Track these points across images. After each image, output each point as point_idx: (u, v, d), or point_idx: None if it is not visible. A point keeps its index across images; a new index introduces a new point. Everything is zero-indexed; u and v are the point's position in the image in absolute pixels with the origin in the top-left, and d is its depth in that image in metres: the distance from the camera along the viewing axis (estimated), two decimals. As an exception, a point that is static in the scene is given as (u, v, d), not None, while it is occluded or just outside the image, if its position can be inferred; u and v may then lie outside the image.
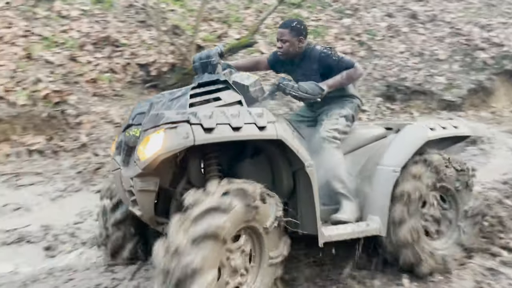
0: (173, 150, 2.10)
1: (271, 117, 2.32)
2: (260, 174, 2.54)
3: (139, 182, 2.26)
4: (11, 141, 5.07)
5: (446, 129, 2.99)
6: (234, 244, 2.19)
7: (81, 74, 5.84)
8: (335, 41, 7.88)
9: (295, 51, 2.86)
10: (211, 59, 2.60)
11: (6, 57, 5.53)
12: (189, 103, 2.29)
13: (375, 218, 2.72)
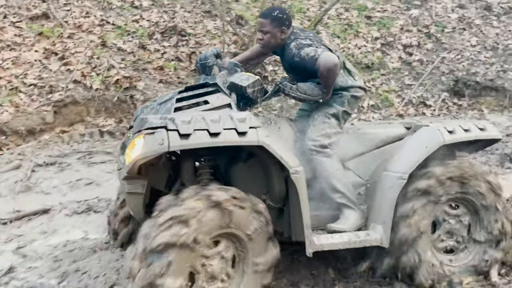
0: (149, 156, 2.11)
1: (254, 122, 2.26)
2: (253, 179, 2.53)
3: (126, 184, 2.32)
4: (86, 122, 5.51)
5: (469, 131, 2.69)
6: (211, 250, 2.19)
7: (149, 62, 6.16)
8: (400, 33, 7.64)
9: (276, 42, 2.67)
10: (207, 60, 2.61)
11: (84, 45, 5.97)
12: (174, 107, 2.31)
13: (378, 228, 2.56)
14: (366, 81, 6.93)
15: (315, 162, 2.59)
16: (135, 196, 2.33)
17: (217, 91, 2.43)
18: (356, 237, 2.52)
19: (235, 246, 2.27)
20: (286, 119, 2.82)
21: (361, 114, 6.57)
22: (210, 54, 2.64)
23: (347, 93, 2.70)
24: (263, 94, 2.52)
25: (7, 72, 5.38)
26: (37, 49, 5.75)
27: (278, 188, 2.49)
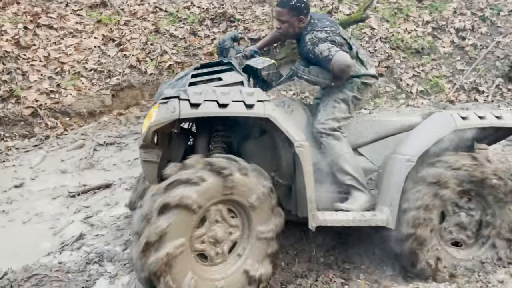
0: (161, 122, 2.24)
1: (262, 96, 2.34)
2: (263, 156, 2.61)
3: (142, 153, 2.47)
4: (140, 105, 5.83)
5: (484, 119, 2.63)
6: (216, 216, 2.29)
7: (200, 47, 6.37)
8: (453, 16, 7.39)
9: (294, 31, 2.70)
10: (225, 43, 2.73)
11: (138, 31, 6.27)
12: (189, 82, 2.42)
13: (384, 209, 2.57)
14: (415, 67, 6.81)
15: (324, 144, 2.65)
16: (150, 164, 2.46)
17: (230, 69, 2.52)
18: (362, 216, 2.55)
19: (239, 213, 2.37)
20: (300, 102, 2.89)
21: (409, 100, 6.49)
22: (228, 37, 2.76)
23: (358, 80, 2.73)
24: (278, 78, 2.56)
25: (70, 58, 5.76)
26: (96, 35, 6.10)
27: (286, 164, 2.56)
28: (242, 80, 2.48)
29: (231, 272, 2.32)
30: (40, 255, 2.84)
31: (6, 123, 5.12)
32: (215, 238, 2.29)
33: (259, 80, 2.58)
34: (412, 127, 2.79)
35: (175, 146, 2.64)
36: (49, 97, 5.37)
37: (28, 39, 5.77)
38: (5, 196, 3.74)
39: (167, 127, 2.37)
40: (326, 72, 2.57)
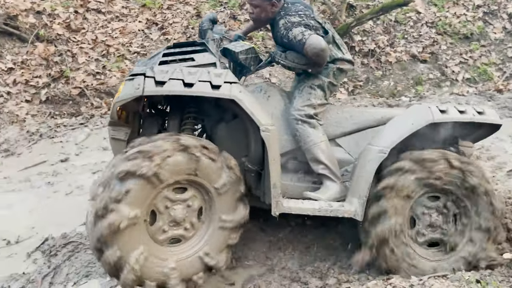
0: (125, 99, 2.23)
1: (230, 78, 2.29)
2: (234, 140, 2.55)
3: (111, 130, 2.47)
4: (180, 87, 6.00)
5: (464, 113, 2.49)
6: (176, 195, 2.26)
7: (239, 32, 6.43)
8: (506, 1, 6.95)
9: (267, 16, 2.63)
10: (203, 24, 2.66)
11: (180, 15, 6.42)
12: (160, 61, 2.39)
13: (354, 200, 2.49)
14: (462, 53, 6.52)
15: (300, 131, 2.59)
16: (117, 142, 2.47)
17: (204, 50, 2.49)
18: (329, 206, 2.48)
19: (203, 198, 2.33)
20: (278, 88, 2.81)
21: (454, 88, 6.24)
22: (206, 18, 2.71)
23: (333, 65, 2.67)
24: (257, 62, 2.52)
25: (115, 41, 6.03)
26: (141, 19, 6.32)
27: (255, 149, 2.52)
28: (215, 61, 2.44)
29: (185, 256, 2.30)
30: (77, 224, 3.07)
31: (56, 102, 5.48)
32: (176, 221, 2.28)
33: (238, 64, 2.53)
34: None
35: (148, 127, 2.64)
36: (95, 78, 5.67)
37: (78, 23, 6.09)
38: (52, 169, 4.04)
39: (135, 105, 2.37)
40: (303, 57, 2.50)
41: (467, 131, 2.67)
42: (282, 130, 2.64)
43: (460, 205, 2.57)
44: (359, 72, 6.29)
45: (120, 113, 2.40)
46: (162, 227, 2.27)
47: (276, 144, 2.39)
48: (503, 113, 5.28)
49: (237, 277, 2.70)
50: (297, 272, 2.70)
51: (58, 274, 2.69)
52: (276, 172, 2.39)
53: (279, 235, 2.96)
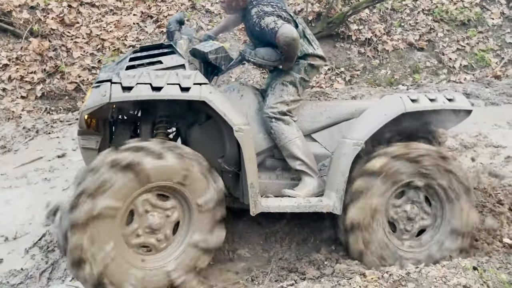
0: (92, 107, 2.16)
1: (200, 79, 2.24)
2: (209, 142, 2.52)
3: (81, 139, 2.39)
4: (176, 80, 5.98)
5: (434, 101, 2.52)
6: (158, 201, 2.22)
7: (235, 23, 6.40)
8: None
9: (238, 5, 2.63)
10: (169, 26, 2.59)
11: (175, 7, 6.38)
12: (127, 65, 2.32)
13: (331, 194, 2.48)
14: (459, 40, 6.48)
15: (274, 129, 2.57)
16: (89, 151, 2.39)
17: (172, 52, 2.43)
18: (307, 202, 2.48)
19: (182, 212, 2.28)
20: (251, 87, 2.78)
21: (451, 75, 6.22)
22: (173, 20, 2.63)
23: (304, 61, 2.65)
24: (228, 61, 2.49)
25: (110, 35, 5.99)
26: (135, 12, 6.28)
27: (230, 150, 2.48)
28: (184, 63, 2.39)
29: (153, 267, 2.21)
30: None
31: (52, 97, 5.46)
32: (151, 228, 2.21)
33: (208, 64, 2.49)
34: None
35: (120, 133, 2.58)
36: (91, 72, 5.65)
37: (72, 17, 6.05)
38: (49, 165, 4.03)
39: (104, 113, 2.29)
40: (273, 53, 2.48)
41: (440, 117, 2.68)
42: (257, 129, 2.62)
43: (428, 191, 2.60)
44: (356, 61, 6.27)
45: (89, 122, 2.34)
46: (136, 230, 2.21)
47: (251, 143, 2.35)
48: (501, 99, 5.27)
49: (234, 268, 2.71)
50: (294, 263, 2.71)
51: (56, 270, 2.70)
52: (253, 171, 2.36)
53: (275, 228, 2.96)
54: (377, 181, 2.49)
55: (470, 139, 4.26)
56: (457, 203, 2.58)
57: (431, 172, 2.54)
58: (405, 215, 2.61)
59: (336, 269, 2.52)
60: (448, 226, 2.61)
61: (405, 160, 2.51)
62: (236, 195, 2.63)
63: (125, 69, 2.31)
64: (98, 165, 2.08)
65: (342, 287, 2.21)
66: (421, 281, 2.22)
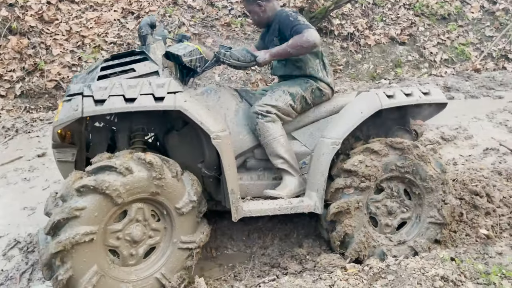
0: (65, 122, 2.11)
1: (174, 87, 2.21)
2: (188, 147, 2.51)
3: (56, 153, 2.33)
4: (159, 77, 5.92)
5: (410, 96, 2.58)
6: (151, 217, 2.23)
7: (217, 18, 6.36)
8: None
9: (262, 18, 2.75)
10: (141, 30, 2.54)
11: (157, 3, 6.31)
12: (98, 75, 2.28)
13: (312, 194, 2.52)
14: (440, 34, 6.56)
15: (260, 126, 2.58)
16: (65, 164, 2.34)
17: (145, 59, 2.40)
18: (289, 203, 2.49)
19: (164, 218, 2.29)
20: (228, 89, 2.77)
21: (432, 69, 6.29)
22: (144, 23, 2.57)
23: (314, 83, 2.71)
24: (204, 63, 2.48)
25: (91, 31, 5.90)
26: (116, 8, 6.19)
27: (209, 155, 2.47)
28: (157, 69, 2.36)
29: (142, 276, 2.22)
30: (55, 220, 3.03)
31: (32, 95, 5.37)
32: (132, 238, 2.19)
33: (184, 67, 2.47)
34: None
35: (97, 142, 2.54)
36: (71, 70, 5.56)
37: (51, 14, 5.94)
38: (28, 165, 3.97)
39: (77, 125, 2.25)
40: (247, 55, 2.50)
41: (417, 110, 2.74)
42: (237, 130, 2.62)
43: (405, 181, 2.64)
44: (339, 56, 6.29)
45: (64, 134, 2.28)
46: (118, 232, 2.18)
47: (229, 150, 2.34)
48: (480, 92, 5.35)
49: (217, 265, 2.71)
50: (276, 258, 2.72)
51: (36, 271, 2.67)
52: (233, 177, 2.35)
53: (257, 224, 2.98)
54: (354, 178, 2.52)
55: (451, 132, 4.32)
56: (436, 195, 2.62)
57: (410, 166, 2.57)
58: (386, 209, 2.64)
59: (318, 263, 2.55)
60: (427, 218, 2.65)
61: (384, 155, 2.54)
62: (217, 198, 2.63)
63: (96, 79, 2.27)
64: (65, 193, 2.05)
65: (323, 281, 2.23)
66: (400, 273, 2.25)
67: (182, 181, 2.26)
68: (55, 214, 2.01)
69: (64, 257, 2.00)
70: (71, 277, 2.02)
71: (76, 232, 1.99)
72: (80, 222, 2.00)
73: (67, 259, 2.00)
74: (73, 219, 2.00)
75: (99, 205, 2.04)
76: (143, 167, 2.13)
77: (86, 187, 2.02)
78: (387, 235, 2.66)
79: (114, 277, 2.15)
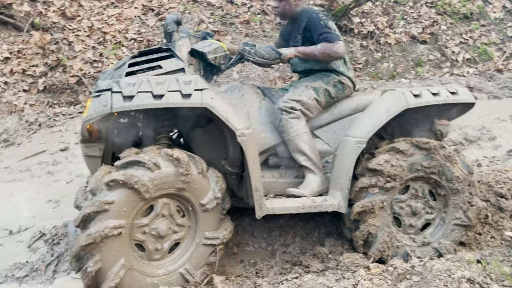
0: (94, 117, 2.16)
1: (201, 85, 2.22)
2: (212, 144, 2.51)
3: (84, 147, 2.39)
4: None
5: (437, 95, 2.52)
6: (176, 213, 2.25)
7: (236, 16, 6.36)
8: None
9: (291, 10, 2.71)
10: (167, 27, 2.53)
11: (177, 0, 6.34)
12: (126, 72, 2.30)
13: (336, 193, 2.49)
14: (462, 33, 6.46)
15: (284, 122, 2.57)
16: (92, 159, 2.41)
17: (171, 56, 2.42)
18: (312, 202, 2.48)
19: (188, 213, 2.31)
20: (251, 86, 2.77)
21: (454, 68, 6.20)
22: (170, 20, 2.56)
23: (336, 76, 2.71)
24: (228, 60, 2.49)
25: (112, 28, 5.96)
26: (137, 5, 6.24)
27: (233, 152, 2.47)
28: (183, 66, 2.38)
29: (167, 271, 2.25)
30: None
31: (54, 90, 5.45)
32: (158, 233, 2.22)
33: (208, 64, 2.47)
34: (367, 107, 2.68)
35: (122, 138, 2.54)
36: (93, 66, 5.63)
37: (73, 10, 6.01)
38: (52, 158, 4.04)
39: (105, 121, 2.27)
40: (272, 52, 2.50)
41: (443, 110, 2.69)
42: (260, 128, 2.61)
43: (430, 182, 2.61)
44: (358, 55, 6.24)
45: (91, 130, 2.32)
46: (145, 226, 2.21)
47: (254, 147, 2.35)
48: (503, 93, 5.26)
49: (238, 261, 2.72)
50: (298, 256, 2.72)
51: (61, 263, 2.71)
52: (257, 175, 2.36)
53: (279, 222, 2.97)
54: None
55: (474, 133, 4.26)
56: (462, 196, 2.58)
57: (436, 166, 2.54)
58: (410, 210, 2.62)
59: (340, 262, 2.53)
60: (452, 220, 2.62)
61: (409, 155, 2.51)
62: (240, 195, 2.63)
63: (124, 76, 2.30)
64: (95, 187, 2.10)
65: (347, 280, 2.22)
66: (425, 274, 2.23)
67: (207, 177, 2.28)
68: (85, 207, 2.05)
69: (93, 250, 2.04)
70: (100, 270, 2.05)
71: (106, 225, 2.02)
72: (109, 215, 2.04)
73: (96, 251, 2.04)
74: (103, 212, 2.03)
75: (127, 199, 2.07)
76: (171, 163, 2.16)
77: (116, 182, 2.06)
78: (410, 235, 2.63)
79: (140, 271, 2.18)
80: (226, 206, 2.38)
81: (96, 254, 2.04)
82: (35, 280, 2.61)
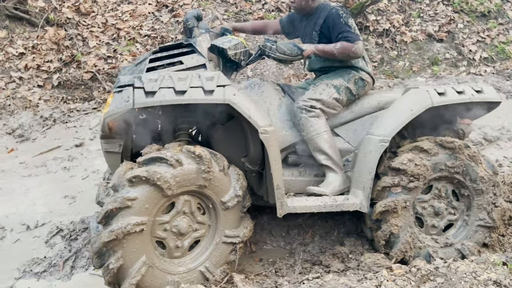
0: (116, 113, 2.13)
1: (223, 81, 2.20)
2: (232, 141, 2.48)
3: (103, 143, 2.38)
4: (192, 71, 5.93)
5: (462, 93, 2.46)
6: (197, 210, 2.23)
7: (251, 13, 6.31)
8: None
9: (308, 5, 2.66)
10: (187, 23, 2.50)
11: (191, -4, 6.31)
12: (147, 67, 2.28)
13: (358, 192, 2.45)
14: (480, 31, 6.35)
15: (303, 121, 2.53)
16: (112, 155, 2.40)
17: (192, 51, 2.40)
18: (334, 201, 2.44)
19: (209, 211, 2.30)
20: (271, 83, 2.74)
21: (471, 67, 6.10)
22: (190, 16, 2.55)
23: (356, 73, 2.67)
24: (248, 57, 2.47)
25: (126, 24, 5.95)
26: (150, 2, 6.22)
27: (254, 150, 2.44)
28: (204, 62, 2.36)
29: (187, 269, 2.23)
30: (95, 209, 3.06)
31: (69, 86, 5.45)
32: (178, 230, 2.20)
33: (227, 60, 2.45)
34: (390, 104, 2.63)
35: (141, 134, 2.55)
36: (107, 62, 5.62)
37: (87, 6, 6.01)
38: (67, 154, 4.03)
39: (126, 116, 2.27)
40: (294, 48, 2.45)
41: (466, 109, 2.64)
42: (279, 125, 2.58)
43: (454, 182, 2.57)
44: (374, 53, 6.17)
45: (111, 125, 2.32)
46: (166, 224, 2.20)
47: (275, 145, 2.32)
48: (522, 92, 5.16)
49: (257, 260, 2.69)
50: (317, 255, 2.68)
51: (79, 258, 2.70)
52: (278, 173, 2.33)
53: (297, 220, 2.94)
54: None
55: (493, 133, 4.18)
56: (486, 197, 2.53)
57: (460, 166, 2.49)
58: (432, 210, 2.57)
59: (362, 263, 2.49)
60: (476, 221, 2.56)
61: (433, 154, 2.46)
62: (259, 193, 2.61)
63: (145, 71, 2.28)
64: (117, 183, 2.08)
65: (369, 281, 2.18)
66: (450, 276, 2.18)
67: (228, 175, 2.26)
68: (107, 204, 2.03)
69: (115, 246, 2.02)
70: (122, 266, 2.04)
71: (128, 222, 2.01)
72: (131, 212, 2.02)
73: (118, 248, 2.02)
74: (125, 209, 2.02)
75: (150, 196, 2.06)
76: (193, 160, 2.14)
77: (138, 178, 2.04)
78: (433, 236, 2.58)
79: (161, 269, 2.16)
80: (246, 204, 2.35)
81: (118, 250, 2.02)
82: (53, 275, 2.61)
